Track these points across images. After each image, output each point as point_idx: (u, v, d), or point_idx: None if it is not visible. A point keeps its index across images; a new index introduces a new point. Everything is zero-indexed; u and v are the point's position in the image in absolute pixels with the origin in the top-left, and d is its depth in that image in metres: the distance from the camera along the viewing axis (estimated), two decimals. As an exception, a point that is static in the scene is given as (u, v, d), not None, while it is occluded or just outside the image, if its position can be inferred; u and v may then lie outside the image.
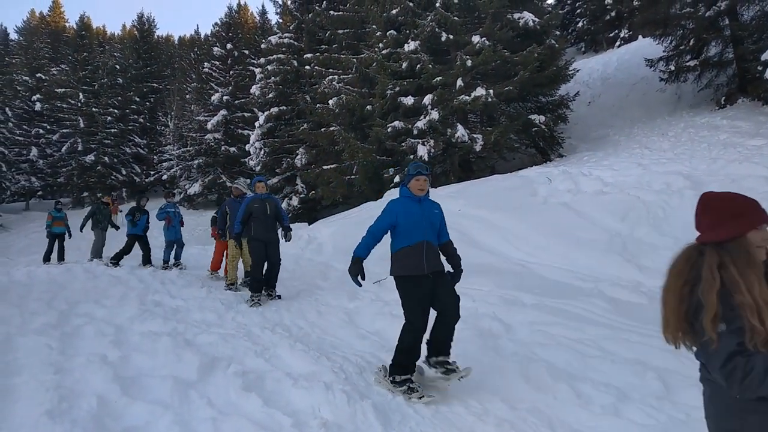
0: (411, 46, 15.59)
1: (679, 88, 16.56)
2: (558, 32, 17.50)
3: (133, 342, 5.08)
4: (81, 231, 12.78)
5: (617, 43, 27.99)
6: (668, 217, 7.79)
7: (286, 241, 7.74)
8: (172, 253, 11.31)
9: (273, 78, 25.58)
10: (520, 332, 5.18)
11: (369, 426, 3.40)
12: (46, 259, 12.99)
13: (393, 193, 13.42)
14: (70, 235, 13.64)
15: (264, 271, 7.35)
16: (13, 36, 59.39)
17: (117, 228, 13.10)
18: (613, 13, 29.41)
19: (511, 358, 4.55)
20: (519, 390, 4.00)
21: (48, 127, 40.30)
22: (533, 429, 3.42)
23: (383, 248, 4.40)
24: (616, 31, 29.32)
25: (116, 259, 11.14)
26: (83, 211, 32.92)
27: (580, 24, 32.53)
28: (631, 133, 15.44)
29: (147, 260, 11.33)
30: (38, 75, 42.09)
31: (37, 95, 40.82)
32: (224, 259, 9.42)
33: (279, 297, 7.35)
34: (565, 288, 6.48)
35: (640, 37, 23.22)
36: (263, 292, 7.29)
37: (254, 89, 26.44)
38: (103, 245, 12.32)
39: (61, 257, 13.13)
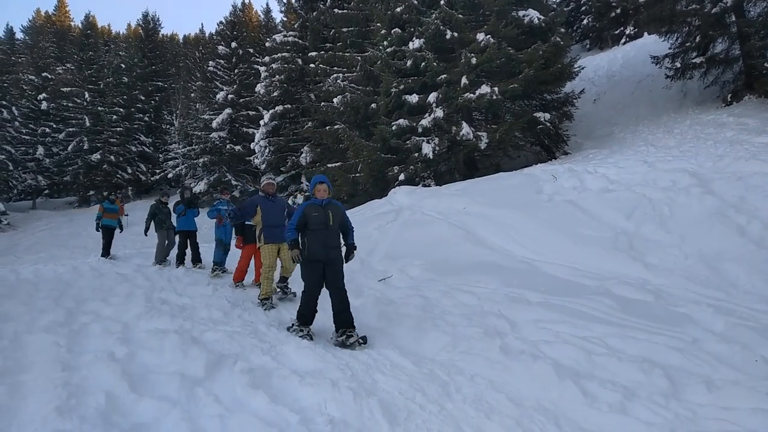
0: (415, 44, 15.58)
1: (685, 86, 16.49)
2: (563, 29, 17.39)
3: (140, 339, 5.09)
4: (146, 235, 11.81)
5: (622, 41, 27.85)
6: (674, 215, 7.76)
7: (345, 261, 5.74)
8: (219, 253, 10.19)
9: (278, 76, 25.65)
10: (525, 330, 5.17)
11: (375, 423, 3.41)
12: (106, 252, 12.09)
13: (397, 191, 13.44)
14: (121, 229, 12.76)
15: (335, 305, 5.48)
16: (19, 35, 59.59)
17: (122, 229, 12.91)
18: (618, 10, 29.29)
19: (516, 356, 4.54)
20: (525, 388, 4.01)
21: (54, 125, 40.46)
22: (539, 427, 3.43)
23: (387, 244, 4.39)
24: (622, 29, 29.17)
25: (179, 261, 10.71)
26: (92, 210, 33.20)
27: (585, 21, 32.39)
28: (637, 130, 15.39)
29: (196, 259, 10.77)
30: (44, 74, 42.26)
31: (43, 94, 40.99)
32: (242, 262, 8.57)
33: (364, 341, 5.20)
34: (571, 286, 6.46)
35: (645, 34, 23.09)
36: (338, 332, 5.35)
37: (259, 88, 26.52)
38: (165, 246, 11.40)
39: (108, 251, 12.21)
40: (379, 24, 17.72)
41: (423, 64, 15.26)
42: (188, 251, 10.94)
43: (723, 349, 4.43)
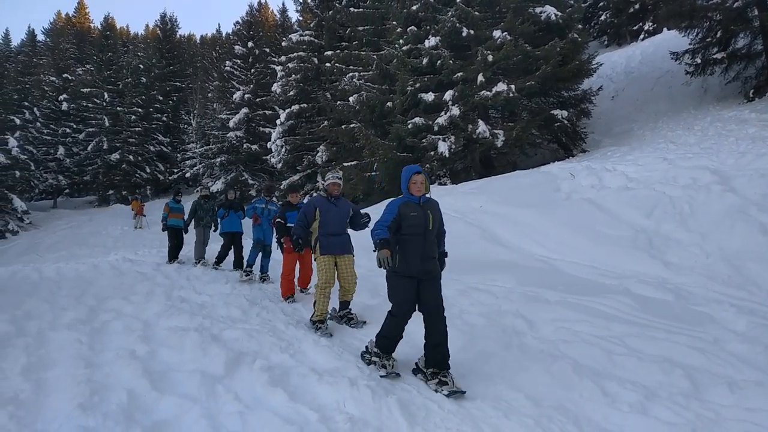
0: (431, 41, 15.54)
1: (705, 81, 16.23)
2: (580, 26, 17.17)
3: (161, 337, 5.16)
4: (185, 232, 11.46)
5: (641, 36, 27.48)
6: (695, 213, 7.66)
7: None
8: (259, 257, 9.14)
9: (294, 76, 25.75)
10: (544, 329, 5.14)
11: (394, 421, 3.41)
12: (173, 256, 11.39)
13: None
14: (185, 230, 11.75)
15: (431, 335, 4.22)
16: (41, 37, 60.62)
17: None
18: (636, 6, 28.88)
19: (535, 355, 4.52)
20: (544, 387, 3.98)
21: (74, 126, 41.12)
22: (559, 427, 3.40)
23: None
24: (640, 24, 28.77)
25: (218, 262, 10.30)
26: (111, 209, 33.66)
27: (603, 17, 31.98)
28: (656, 127, 15.19)
29: (238, 263, 10.07)
30: (65, 75, 42.96)
31: (64, 95, 41.66)
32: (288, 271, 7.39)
33: (461, 392, 3.87)
34: (590, 285, 6.41)
35: (664, 29, 22.75)
36: (428, 370, 4.17)
37: (275, 87, 26.64)
38: (204, 245, 11.05)
39: (175, 254, 11.60)
40: (395, 22, 17.71)
41: (439, 62, 15.22)
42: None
43: (745, 350, 4.36)
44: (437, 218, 4.44)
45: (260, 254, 9.07)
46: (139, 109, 39.55)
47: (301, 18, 29.36)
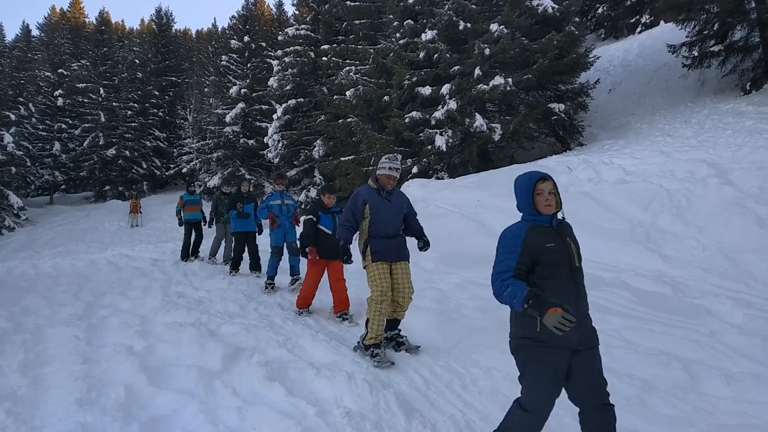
0: (428, 35, 15.48)
1: (702, 74, 16.23)
2: (577, 19, 17.07)
3: (158, 332, 5.17)
4: (209, 227, 10.95)
5: (638, 29, 27.42)
6: (692, 206, 7.66)
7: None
8: (280, 265, 7.90)
9: (290, 70, 25.65)
10: (541, 322, 5.15)
11: (392, 415, 3.42)
12: (185, 254, 10.95)
13: (410, 184, 13.42)
14: (206, 223, 11.15)
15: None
16: (35, 32, 60.35)
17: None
18: (634, -1, 28.84)
19: (533, 348, 4.52)
20: (541, 380, 3.99)
21: (70, 121, 40.89)
22: (556, 419, 3.41)
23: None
24: (638, 17, 28.70)
25: (233, 268, 9.13)
26: (108, 205, 33.55)
27: (600, 10, 31.86)
28: (653, 120, 15.19)
29: (254, 266, 9.09)
30: (60, 70, 42.70)
31: (59, 90, 41.39)
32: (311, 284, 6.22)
33: None
34: (587, 278, 6.34)
35: (662, 22, 22.75)
36: None
37: (272, 81, 26.52)
38: (221, 241, 10.53)
39: (195, 250, 11.12)
40: (391, 16, 17.64)
41: (436, 55, 15.16)
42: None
43: (742, 342, 4.38)
44: (578, 246, 2.92)
45: (289, 257, 7.93)
46: (135, 105, 39.34)
47: (297, 12, 29.27)
